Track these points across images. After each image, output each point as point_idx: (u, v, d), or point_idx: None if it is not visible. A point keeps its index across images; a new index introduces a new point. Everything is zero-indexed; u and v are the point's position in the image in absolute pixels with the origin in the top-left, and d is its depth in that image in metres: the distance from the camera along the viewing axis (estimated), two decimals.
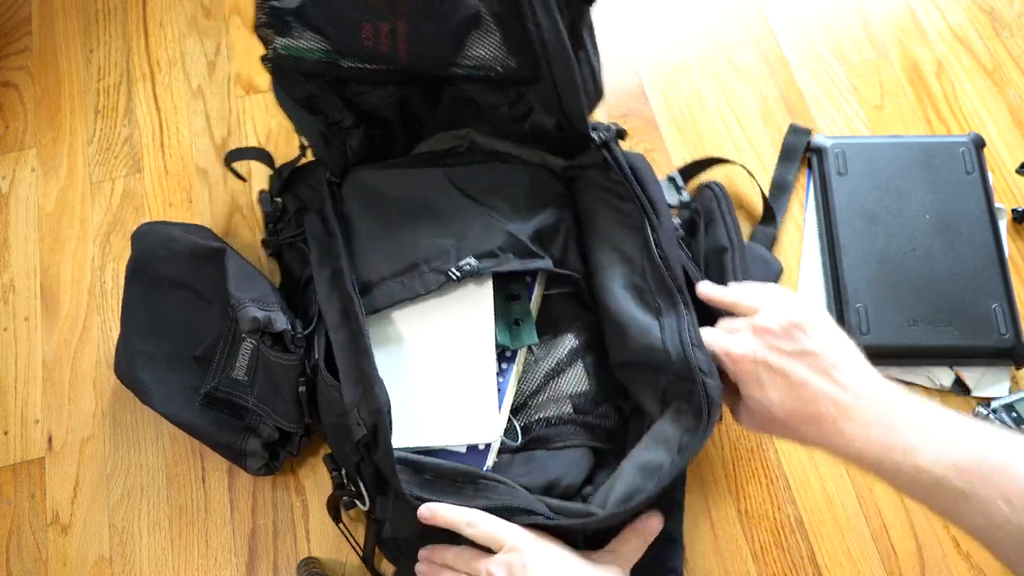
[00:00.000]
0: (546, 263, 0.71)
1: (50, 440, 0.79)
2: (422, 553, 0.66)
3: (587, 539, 0.64)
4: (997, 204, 0.82)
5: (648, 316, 0.67)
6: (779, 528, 0.74)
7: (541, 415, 0.73)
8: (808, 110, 0.92)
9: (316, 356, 0.68)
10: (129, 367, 0.74)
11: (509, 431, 0.72)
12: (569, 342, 0.75)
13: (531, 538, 0.61)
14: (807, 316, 0.60)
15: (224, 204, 0.89)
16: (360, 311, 0.67)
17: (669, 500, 0.69)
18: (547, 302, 0.77)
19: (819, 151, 0.86)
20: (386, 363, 0.70)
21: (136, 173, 0.91)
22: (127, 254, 0.85)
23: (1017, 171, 0.86)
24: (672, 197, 0.85)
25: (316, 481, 0.77)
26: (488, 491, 0.64)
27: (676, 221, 0.77)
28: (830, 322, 0.60)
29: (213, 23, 0.98)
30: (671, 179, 0.86)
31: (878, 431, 0.53)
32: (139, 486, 0.77)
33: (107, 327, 0.84)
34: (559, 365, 0.74)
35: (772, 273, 0.81)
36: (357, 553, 0.72)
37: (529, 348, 0.75)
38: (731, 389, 0.63)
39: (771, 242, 0.84)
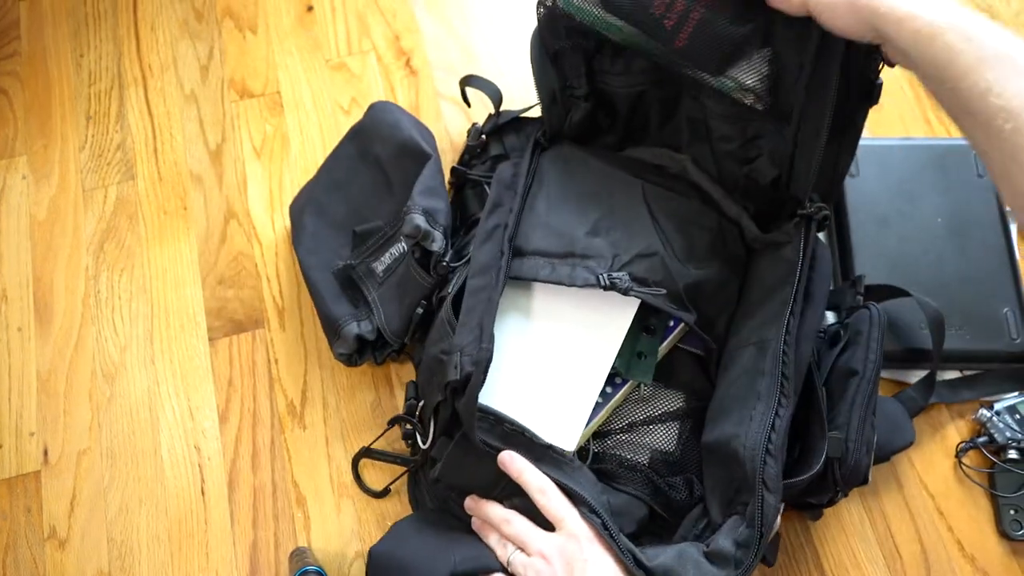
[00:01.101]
0: (689, 317, 0.69)
1: (46, 453, 0.78)
2: (468, 502, 0.67)
3: None
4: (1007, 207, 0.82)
5: (747, 406, 0.64)
6: (784, 532, 0.74)
7: (618, 452, 0.73)
8: None
9: (449, 290, 0.71)
10: (302, 208, 0.83)
11: (582, 451, 0.72)
12: (675, 401, 0.74)
13: (591, 535, 0.61)
14: None
15: (219, 211, 0.87)
16: (504, 269, 0.68)
17: None
18: (673, 353, 0.75)
19: None
20: (505, 329, 0.72)
21: (129, 180, 0.90)
22: (121, 263, 0.85)
23: None
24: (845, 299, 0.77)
25: (317, 493, 0.76)
26: (563, 467, 0.64)
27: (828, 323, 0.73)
28: None
29: (205, 26, 0.97)
30: (853, 283, 0.77)
31: None
32: (137, 499, 0.76)
33: (102, 337, 0.82)
34: (656, 416, 0.74)
35: (896, 442, 0.73)
36: (364, 447, 0.76)
37: (638, 385, 0.74)
38: None
39: (917, 411, 0.76)
